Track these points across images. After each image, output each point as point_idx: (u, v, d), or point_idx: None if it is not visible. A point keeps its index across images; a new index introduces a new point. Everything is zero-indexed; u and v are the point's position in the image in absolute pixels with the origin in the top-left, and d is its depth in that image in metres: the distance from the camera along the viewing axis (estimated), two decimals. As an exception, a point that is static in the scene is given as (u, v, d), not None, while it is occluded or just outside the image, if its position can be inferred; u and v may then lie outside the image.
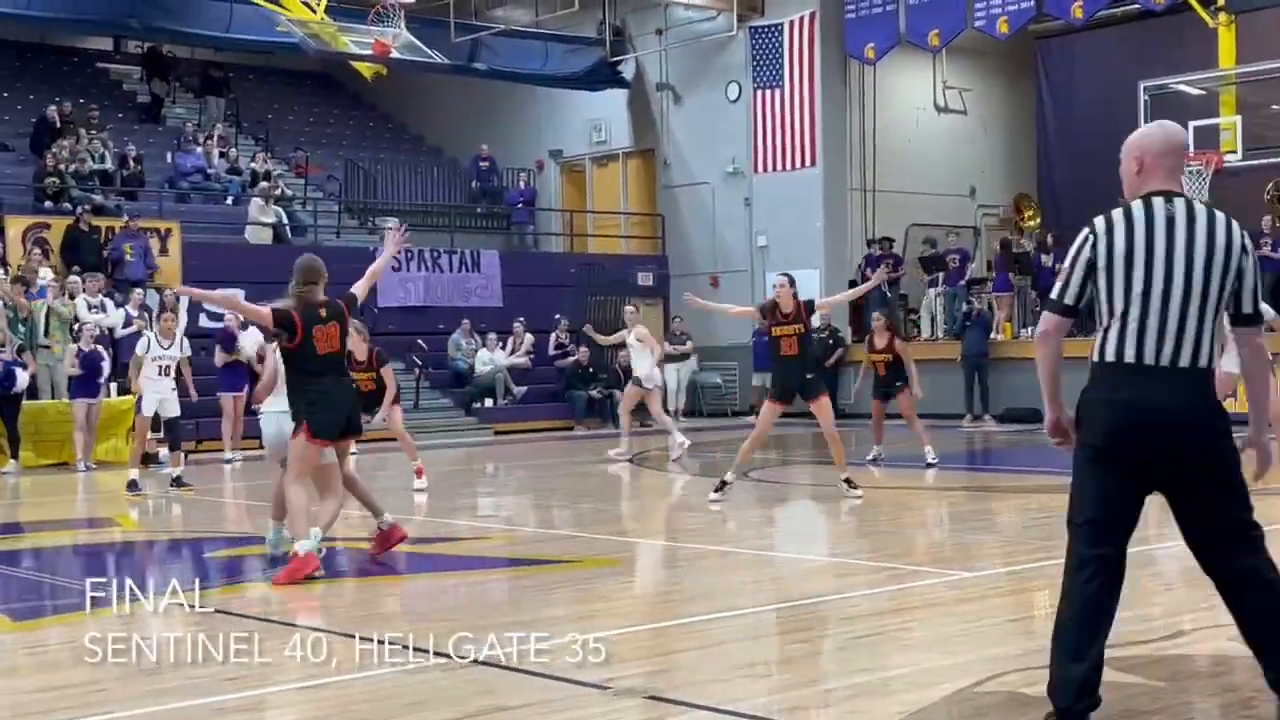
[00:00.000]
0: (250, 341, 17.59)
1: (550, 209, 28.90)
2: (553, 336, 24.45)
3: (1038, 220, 24.50)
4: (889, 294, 22.99)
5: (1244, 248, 4.60)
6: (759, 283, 25.37)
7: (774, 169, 25.07)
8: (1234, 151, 18.61)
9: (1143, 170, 4.69)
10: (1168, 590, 7.45)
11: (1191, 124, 19.07)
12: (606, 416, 23.48)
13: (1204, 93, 19.54)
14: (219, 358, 18.12)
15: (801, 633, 6.85)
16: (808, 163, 24.67)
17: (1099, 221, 4.63)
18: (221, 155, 25.60)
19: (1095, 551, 4.57)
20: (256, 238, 23.27)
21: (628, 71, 27.36)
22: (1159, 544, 9.60)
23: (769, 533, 10.28)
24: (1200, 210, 4.61)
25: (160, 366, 14.33)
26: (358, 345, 11.96)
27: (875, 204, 25.48)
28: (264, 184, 24.28)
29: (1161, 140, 4.74)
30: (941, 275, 23.45)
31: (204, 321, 20.65)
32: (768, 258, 25.25)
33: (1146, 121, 19.52)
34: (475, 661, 5.92)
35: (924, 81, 26.52)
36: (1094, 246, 4.60)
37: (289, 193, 25.35)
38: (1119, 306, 4.56)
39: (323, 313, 8.36)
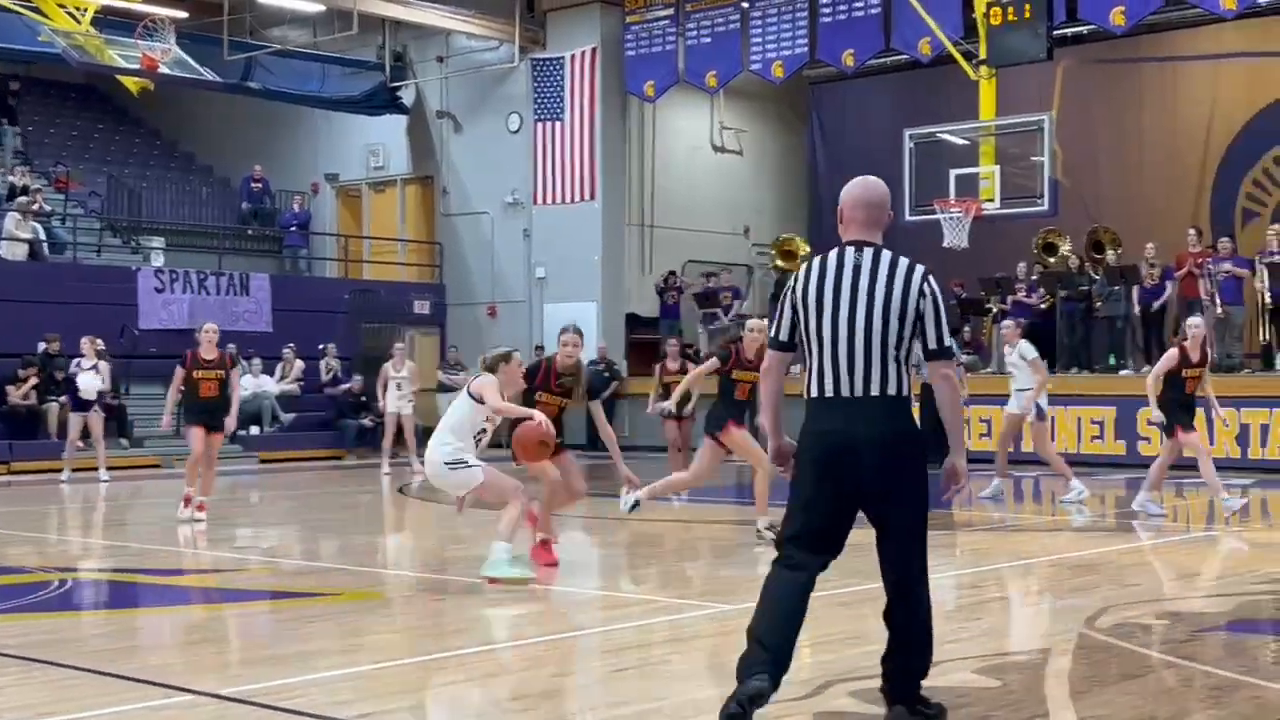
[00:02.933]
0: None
1: (325, 233, 28.42)
2: (323, 364, 23.99)
3: (798, 260, 25.08)
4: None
5: (922, 291, 5.09)
6: (536, 314, 25.44)
7: (554, 201, 25.15)
8: (992, 200, 19.36)
9: (842, 220, 5.22)
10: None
11: (953, 172, 19.88)
12: (377, 445, 23.12)
13: (966, 142, 20.31)
14: None
15: (567, 665, 6.81)
16: (587, 196, 24.83)
17: (803, 266, 5.18)
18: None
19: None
20: (11, 253, 22.26)
21: (407, 97, 27.14)
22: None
23: (538, 565, 10.20)
24: (885, 257, 5.11)
25: None
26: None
27: (653, 239, 25.79)
28: (22, 198, 23.24)
29: (858, 193, 5.22)
30: (716, 311, 23.83)
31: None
32: (546, 289, 25.30)
33: (911, 168, 20.39)
34: (223, 698, 5.71)
35: (702, 121, 26.99)
36: (793, 290, 5.17)
37: (48, 208, 24.32)
38: (814, 346, 5.11)
39: None
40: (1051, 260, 22.13)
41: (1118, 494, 15.81)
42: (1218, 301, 19.21)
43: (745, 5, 23.09)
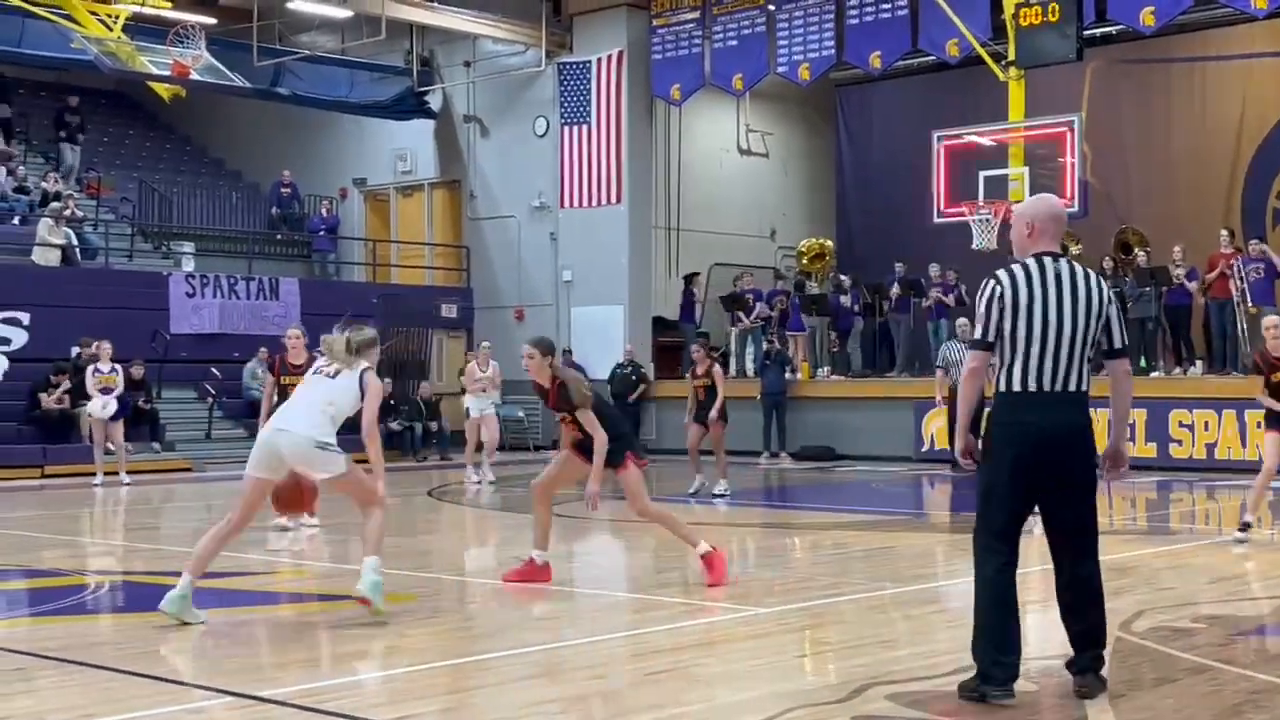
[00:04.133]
0: None
1: (353, 238, 28.52)
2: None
3: (825, 262, 25.05)
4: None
5: (1109, 297, 5.75)
6: (563, 317, 25.46)
7: (580, 204, 25.18)
8: (1021, 201, 19.30)
9: (1033, 234, 5.78)
10: (950, 627, 7.63)
11: (982, 174, 19.83)
12: (406, 449, 23.23)
13: (995, 144, 20.26)
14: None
15: (596, 669, 6.82)
16: (613, 199, 24.85)
17: (1003, 274, 5.70)
18: (9, 173, 24.62)
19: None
20: (44, 259, 22.42)
21: (434, 102, 27.22)
22: (946, 580, 9.88)
23: (568, 568, 10.22)
24: (1078, 267, 5.73)
25: None
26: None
27: (679, 242, 25.80)
28: (54, 204, 23.41)
29: (1050, 209, 5.90)
30: (742, 313, 23.83)
31: None
32: (572, 293, 25.33)
33: (940, 169, 20.33)
34: (263, 700, 5.75)
35: (728, 124, 26.99)
36: (1002, 296, 5.66)
37: (80, 214, 24.49)
38: (1020, 345, 5.63)
39: None
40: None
41: (1149, 496, 15.75)
42: (1248, 300, 19.09)
43: (771, 8, 23.07)
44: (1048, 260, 5.69)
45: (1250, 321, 18.91)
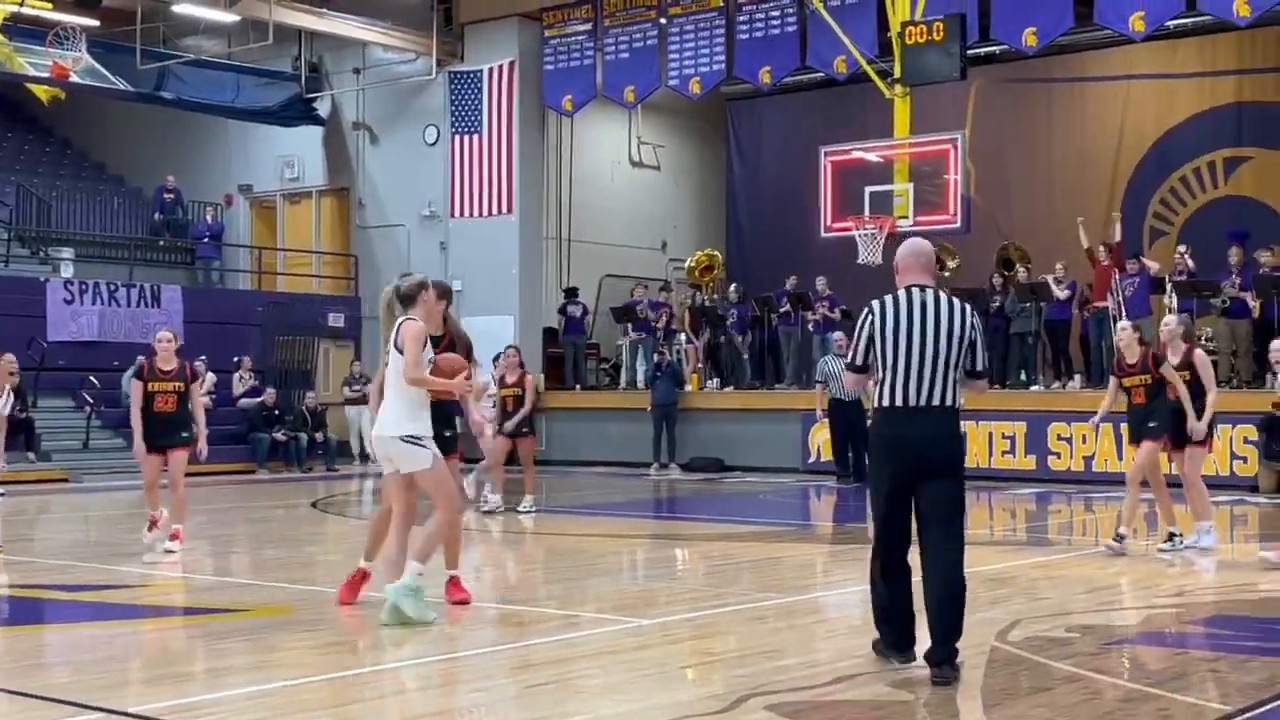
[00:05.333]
0: None
1: (238, 245, 28.09)
2: (236, 377, 23.72)
3: (715, 275, 25.21)
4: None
5: (974, 324, 6.53)
6: (452, 328, 25.29)
7: (471, 214, 25.07)
8: (905, 217, 19.58)
9: (899, 271, 6.64)
10: (831, 636, 7.69)
11: (868, 189, 20.06)
12: (291, 460, 22.92)
13: (881, 160, 20.52)
14: None
15: (478, 682, 6.78)
16: (504, 209, 24.77)
17: (875, 303, 6.52)
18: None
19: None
20: (-86, 263, 21.80)
21: (323, 109, 26.94)
22: (827, 591, 9.96)
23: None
24: (943, 296, 6.50)
25: None
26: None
27: (570, 253, 25.78)
28: (-75, 206, 22.78)
29: (913, 247, 6.70)
30: (630, 325, 23.88)
31: None
32: (462, 303, 25.15)
33: (827, 184, 20.52)
34: (133, 716, 5.62)
35: (620, 135, 27.05)
36: (872, 323, 6.49)
37: (-47, 217, 23.86)
38: (889, 365, 6.43)
39: None
40: (945, 275, 22.43)
41: (1027, 508, 16.03)
42: (1123, 314, 19.53)
43: (663, 21, 23.18)
44: (915, 291, 6.49)
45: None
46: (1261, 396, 17.18)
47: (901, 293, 6.50)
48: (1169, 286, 19.50)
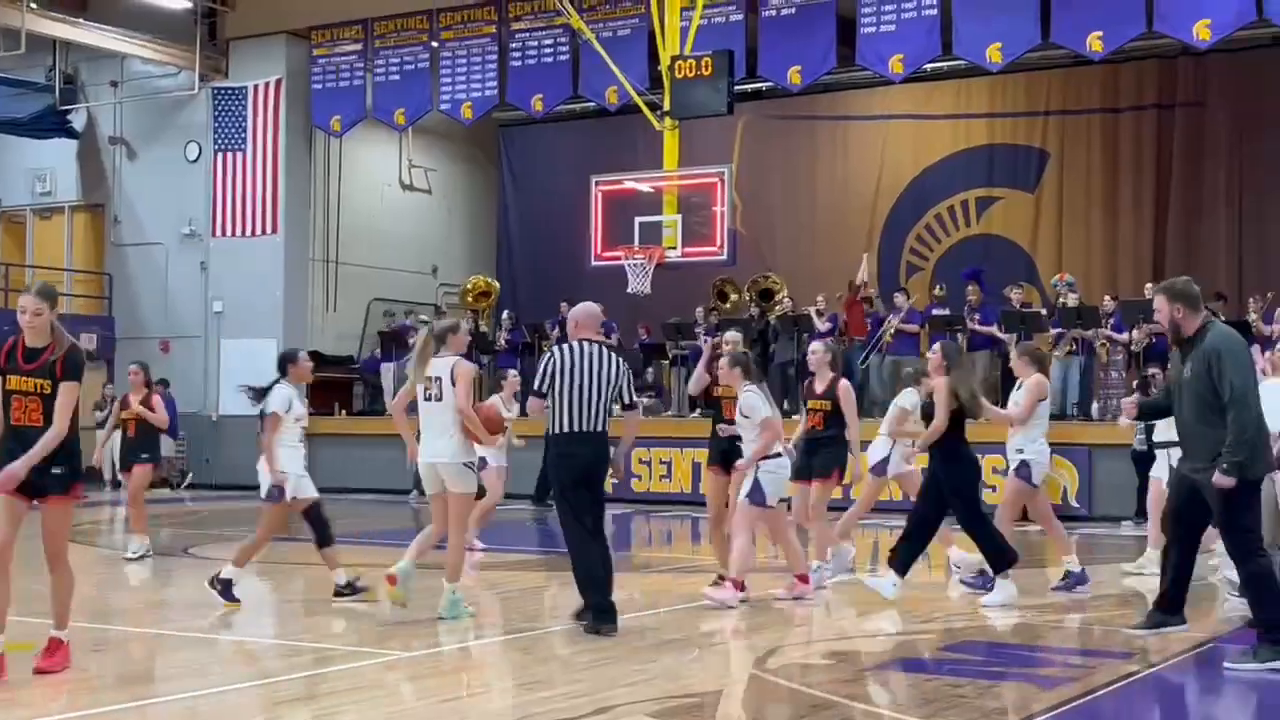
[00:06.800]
0: None
1: (-16, 261, 26.78)
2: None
3: (490, 300, 25.13)
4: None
5: (621, 370, 8.68)
6: (213, 350, 24.64)
7: (233, 233, 24.45)
8: (674, 247, 19.82)
9: (576, 326, 8.89)
10: (593, 666, 7.69)
11: (638, 220, 20.23)
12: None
13: (651, 190, 20.73)
14: None
15: (236, 718, 6.56)
16: (269, 229, 24.23)
17: (556, 350, 8.66)
18: None
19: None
20: None
21: (78, 121, 25.93)
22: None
23: (209, 613, 9.81)
24: (603, 349, 8.70)
25: None
26: None
27: (338, 276, 25.35)
28: None
29: (586, 312, 8.96)
30: (397, 350, 23.58)
31: None
32: (223, 324, 24.53)
33: (597, 213, 20.62)
34: None
35: (391, 158, 26.75)
36: (553, 365, 8.59)
37: None
38: (563, 399, 8.55)
39: None
40: (725, 306, 22.87)
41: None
42: (883, 346, 20.23)
43: (435, 45, 23.04)
44: (585, 344, 8.69)
45: (893, 369, 19.99)
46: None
47: (575, 343, 8.67)
48: (925, 324, 20.28)
